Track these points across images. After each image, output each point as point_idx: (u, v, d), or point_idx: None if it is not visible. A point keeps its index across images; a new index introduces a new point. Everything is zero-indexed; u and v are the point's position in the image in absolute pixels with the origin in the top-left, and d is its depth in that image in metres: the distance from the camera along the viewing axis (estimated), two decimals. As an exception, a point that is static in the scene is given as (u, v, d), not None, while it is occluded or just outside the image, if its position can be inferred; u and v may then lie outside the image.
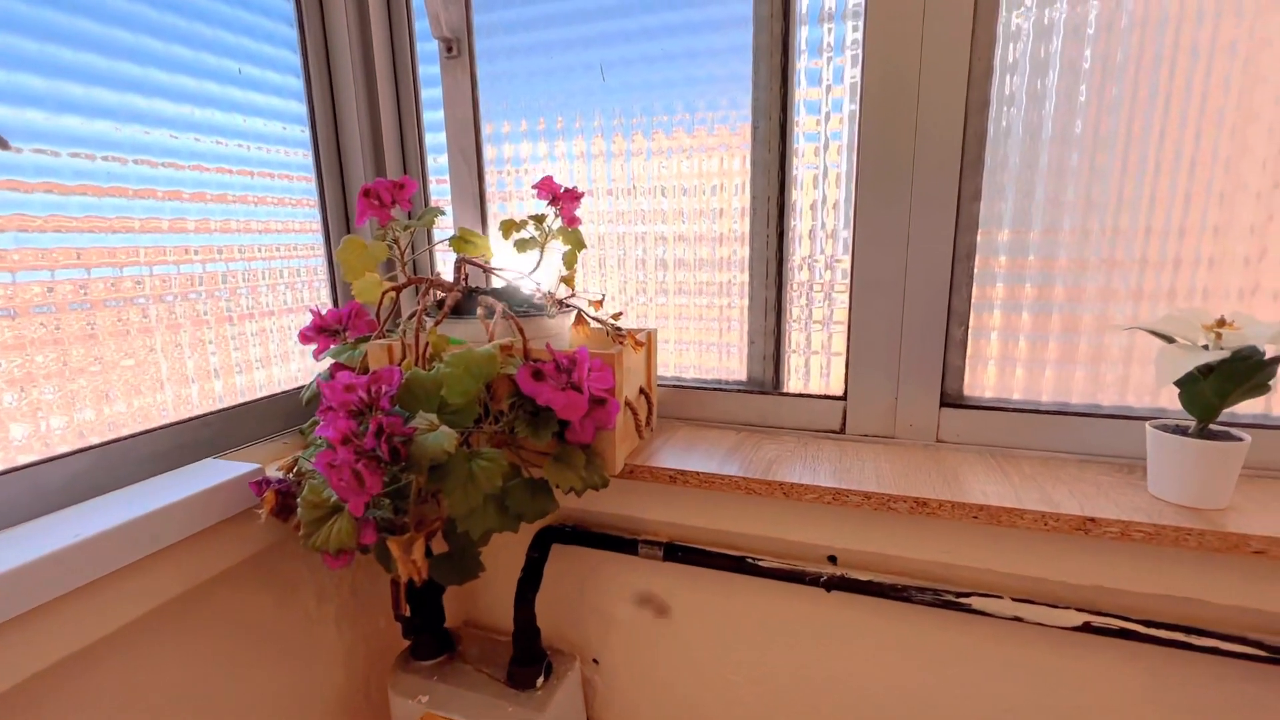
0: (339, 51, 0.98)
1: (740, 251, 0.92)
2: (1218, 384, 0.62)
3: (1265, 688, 0.65)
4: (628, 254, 0.98)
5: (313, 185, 0.98)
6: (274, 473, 0.73)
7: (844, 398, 0.88)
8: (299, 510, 0.62)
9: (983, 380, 0.84)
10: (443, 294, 0.79)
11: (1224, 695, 0.67)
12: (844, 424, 0.88)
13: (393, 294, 0.80)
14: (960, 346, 0.83)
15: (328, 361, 0.81)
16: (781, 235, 0.89)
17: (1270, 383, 0.62)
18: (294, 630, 0.83)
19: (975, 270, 0.81)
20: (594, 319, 0.78)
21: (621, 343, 0.76)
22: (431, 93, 1.04)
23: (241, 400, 0.86)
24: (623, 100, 0.93)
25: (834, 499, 0.71)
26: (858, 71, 0.81)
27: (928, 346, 0.82)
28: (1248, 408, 0.73)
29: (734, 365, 0.96)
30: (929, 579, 0.75)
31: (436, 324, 0.73)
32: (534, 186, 0.83)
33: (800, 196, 0.89)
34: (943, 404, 0.84)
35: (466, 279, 0.83)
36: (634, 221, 0.97)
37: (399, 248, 0.84)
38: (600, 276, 1.01)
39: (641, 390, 0.86)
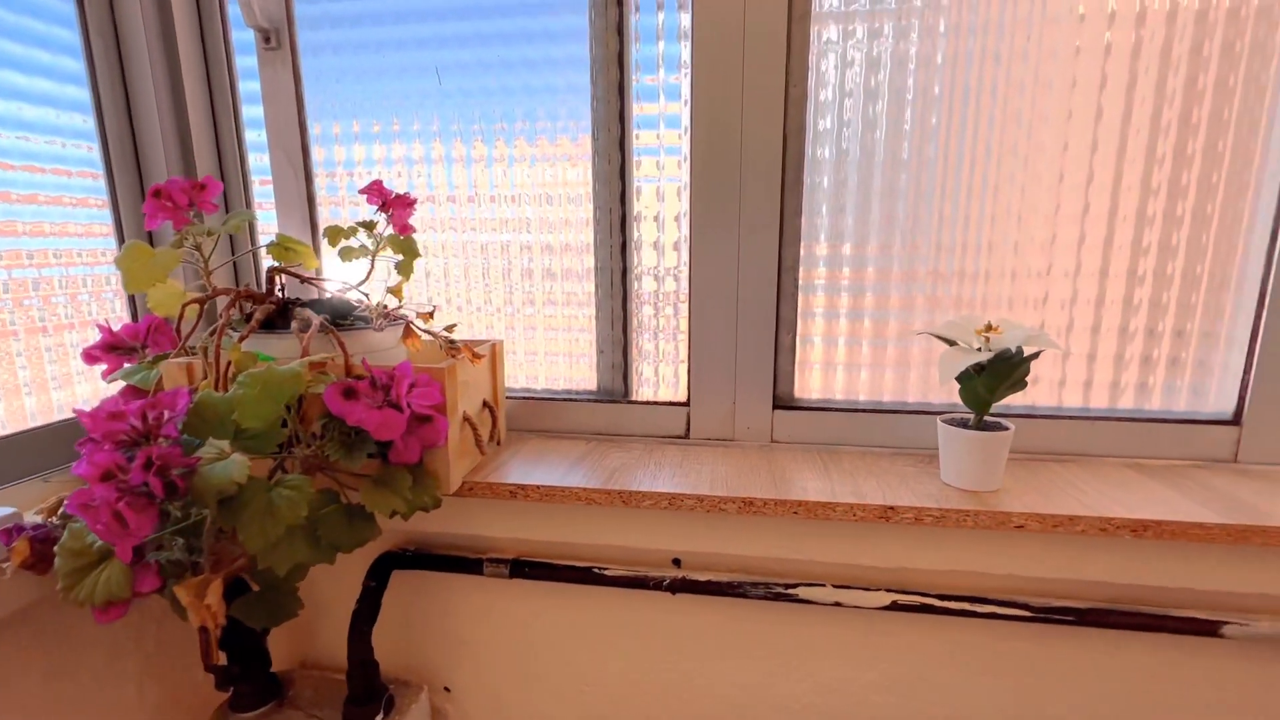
0: (131, 33, 0.87)
1: (587, 261, 0.93)
2: (987, 381, 0.70)
3: (1035, 643, 0.75)
4: (473, 264, 0.95)
5: (100, 183, 0.86)
6: (33, 518, 0.63)
7: (687, 404, 0.91)
8: (56, 560, 0.54)
9: (810, 383, 0.90)
10: (255, 306, 0.72)
11: (1006, 653, 0.76)
12: (688, 429, 0.91)
13: (196, 306, 0.72)
14: (789, 352, 0.89)
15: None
16: (625, 246, 0.91)
17: (1026, 379, 0.71)
18: (78, 697, 0.72)
19: (800, 281, 0.87)
20: (424, 331, 0.75)
21: (455, 356, 0.73)
22: (252, 86, 0.95)
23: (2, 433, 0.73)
24: (461, 105, 0.90)
25: (670, 504, 0.73)
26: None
27: (760, 353, 0.87)
28: (1017, 400, 0.84)
29: (585, 375, 0.96)
30: (763, 573, 0.79)
31: (241, 339, 0.66)
32: (361, 191, 0.79)
33: (642, 208, 0.91)
34: (775, 407, 0.89)
35: (283, 290, 0.76)
36: (480, 230, 0.94)
37: (202, 255, 0.75)
38: (445, 287, 0.97)
39: (485, 404, 0.84)
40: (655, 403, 0.93)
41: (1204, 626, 0.69)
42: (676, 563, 0.82)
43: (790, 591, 0.76)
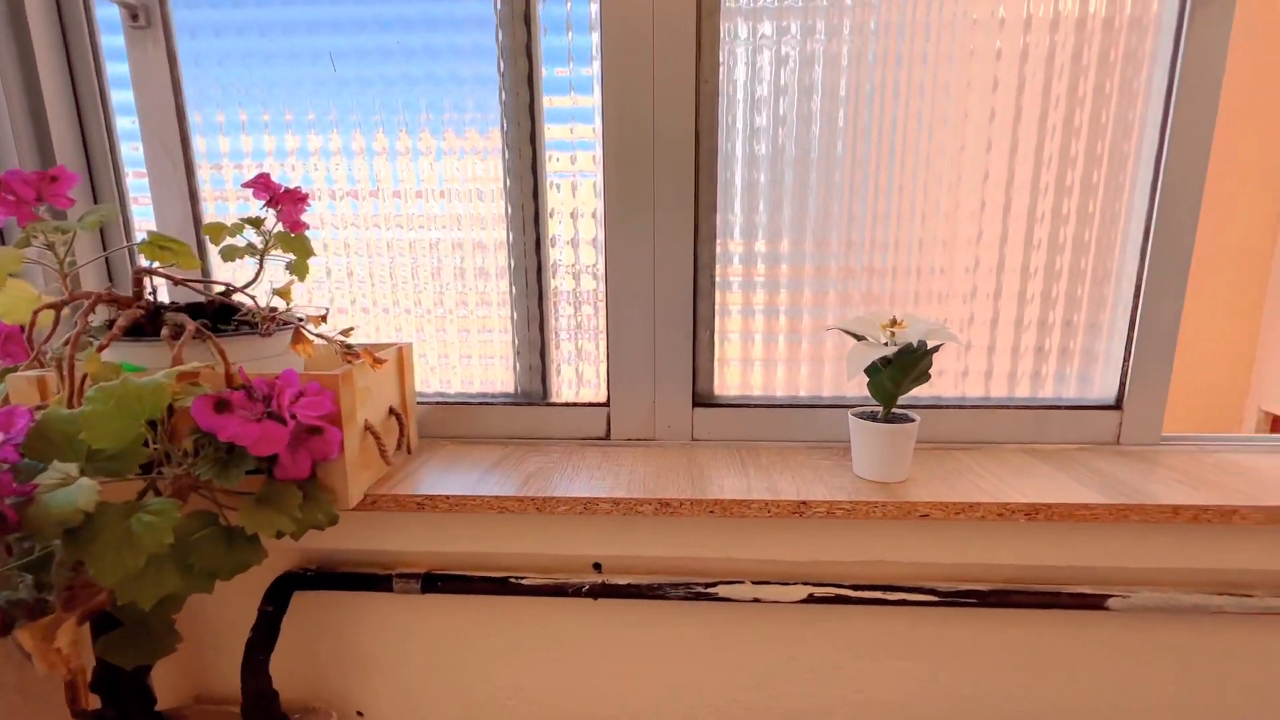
0: (-31, 5, 0.77)
1: (500, 260, 0.89)
2: (893, 375, 0.72)
3: (943, 626, 0.78)
4: (379, 263, 0.90)
5: (-66, 173, 0.76)
6: None
7: (607, 405, 0.89)
8: None
9: (730, 380, 0.90)
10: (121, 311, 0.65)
11: (917, 637, 0.78)
12: (609, 430, 0.90)
13: (51, 313, 0.64)
14: (708, 349, 0.89)
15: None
16: (539, 243, 0.88)
17: (929, 372, 0.74)
18: (-91, 760, 0.63)
19: (716, 278, 0.87)
20: (317, 336, 0.70)
21: (353, 361, 0.69)
22: (122, 69, 0.86)
23: None
24: (360, 95, 0.85)
25: (586, 508, 0.71)
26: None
27: (679, 351, 0.86)
28: (924, 391, 0.87)
29: (503, 377, 0.93)
30: (684, 573, 0.78)
31: (101, 348, 0.60)
32: (246, 185, 0.72)
33: (557, 204, 0.88)
34: (696, 405, 0.89)
35: (154, 292, 0.69)
36: (385, 227, 0.89)
37: (56, 255, 0.67)
38: (350, 288, 0.91)
39: (392, 411, 0.79)
40: (575, 404, 0.91)
41: (1091, 600, 0.73)
42: (597, 567, 0.80)
43: (710, 590, 0.76)
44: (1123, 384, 0.85)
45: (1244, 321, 2.14)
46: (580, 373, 0.93)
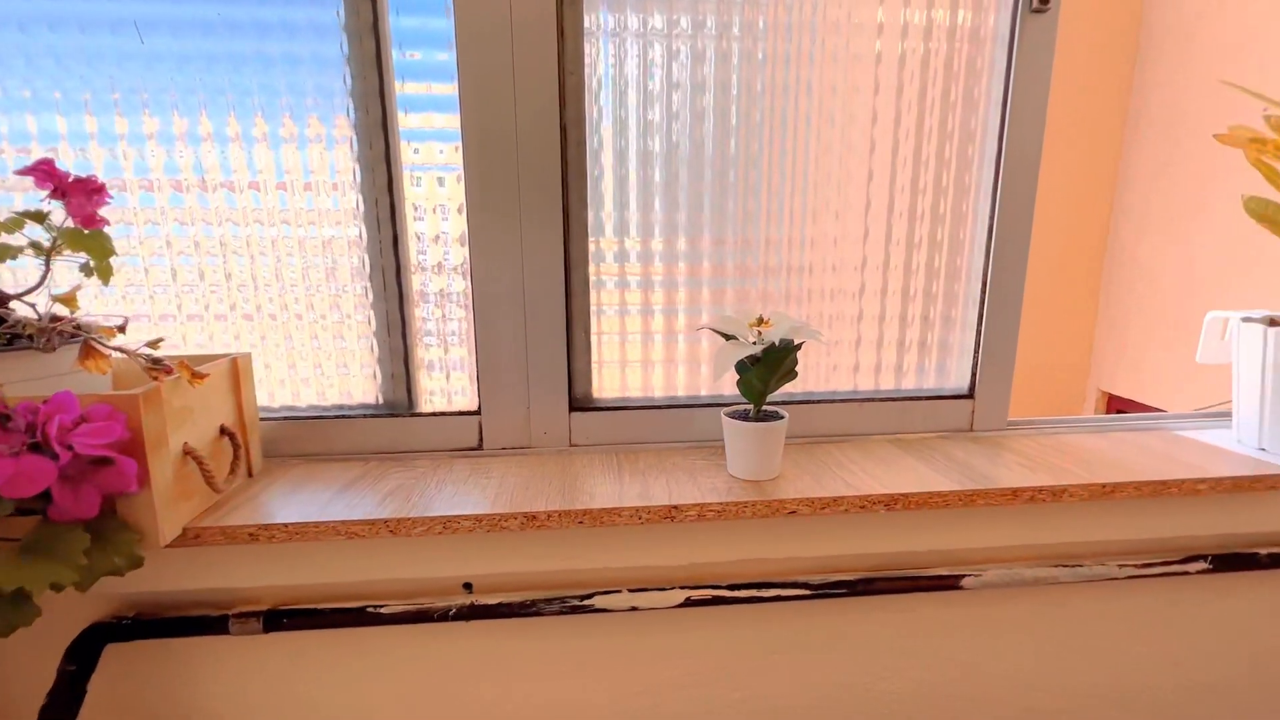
0: None
1: (356, 259, 0.82)
2: (761, 373, 0.72)
3: (816, 618, 0.79)
4: (210, 264, 0.80)
5: None
6: None
7: (478, 413, 0.84)
8: None
9: (608, 382, 0.88)
10: None
11: (792, 631, 0.79)
12: (481, 440, 0.84)
13: None
14: (585, 351, 0.86)
15: None
16: (397, 241, 0.81)
17: (796, 369, 0.74)
18: None
19: (591, 277, 0.84)
20: (115, 349, 0.60)
21: (161, 377, 0.60)
22: None
23: None
24: (178, 73, 0.75)
25: (445, 528, 0.66)
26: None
27: (552, 353, 0.83)
28: (797, 387, 0.89)
29: (364, 388, 0.85)
30: (559, 587, 0.75)
31: None
32: (22, 172, 0.61)
33: (421, 198, 0.82)
34: (572, 409, 0.85)
35: (-108, 302, 0.57)
36: (216, 223, 0.79)
37: None
38: (174, 294, 0.80)
39: (224, 431, 0.70)
40: (444, 414, 0.85)
41: (948, 581, 0.77)
42: (468, 587, 0.75)
43: (586, 603, 0.73)
44: (974, 374, 0.90)
45: (1082, 311, 2.40)
46: (451, 380, 0.88)
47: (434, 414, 0.84)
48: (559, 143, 0.78)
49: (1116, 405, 2.42)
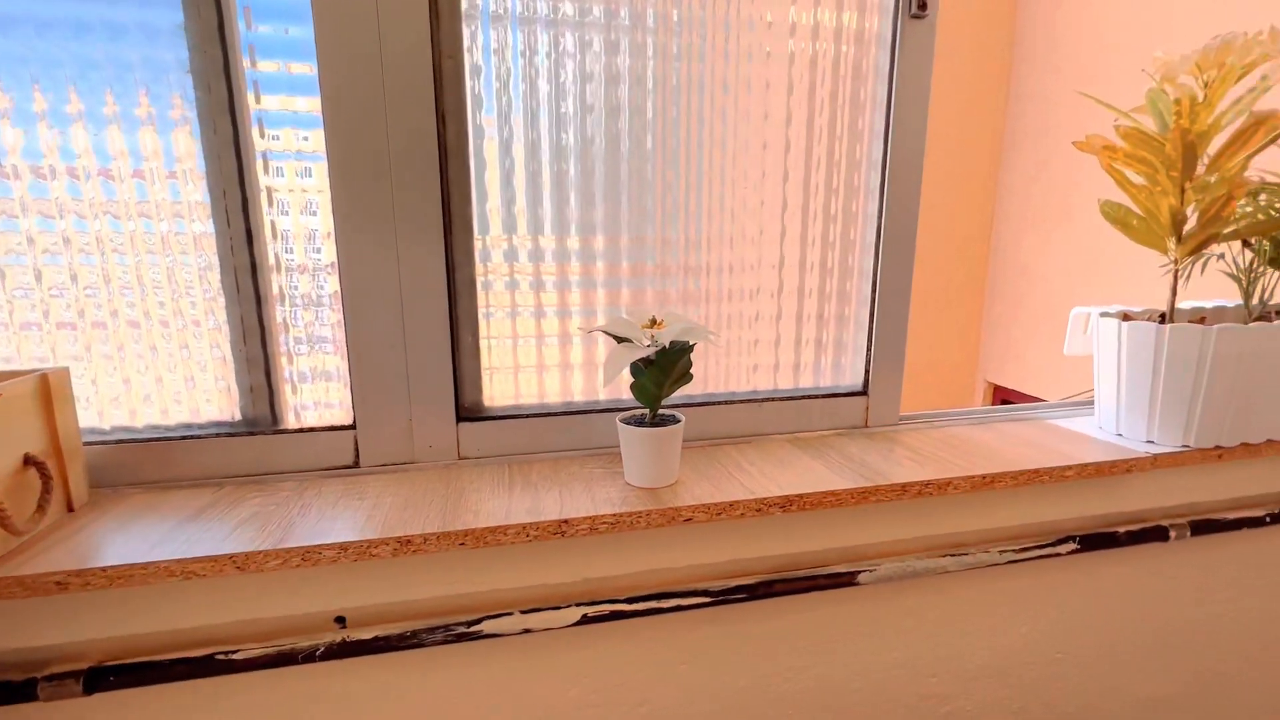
0: None
1: (203, 257, 0.72)
2: (655, 376, 0.69)
3: (718, 625, 0.78)
4: (12, 265, 0.68)
5: None
6: None
7: (353, 427, 0.77)
8: None
9: (501, 389, 0.82)
10: None
11: (694, 639, 0.78)
12: (357, 456, 0.77)
13: None
14: (473, 356, 0.80)
15: None
16: (251, 238, 0.73)
17: (691, 371, 0.72)
18: None
19: (478, 277, 0.79)
20: None
21: (-73, 401, 0.49)
22: None
23: None
24: (-39, 35, 0.63)
25: (304, 559, 0.59)
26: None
27: (435, 359, 0.77)
28: (697, 389, 0.87)
29: (218, 403, 0.76)
30: (445, 614, 0.69)
31: None
32: None
33: (283, 191, 0.74)
34: (461, 419, 0.79)
35: None
36: (25, 215, 0.67)
37: None
38: (-30, 295, 0.68)
39: (30, 460, 0.60)
40: (313, 429, 0.77)
41: (845, 578, 0.78)
42: (340, 622, 0.68)
43: (474, 629, 0.68)
44: (867, 371, 0.92)
45: (970, 308, 2.58)
46: (327, 391, 0.79)
47: (301, 430, 0.76)
48: (435, 132, 0.72)
49: (1002, 395, 2.62)
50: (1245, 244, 0.93)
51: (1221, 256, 0.93)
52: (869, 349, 0.91)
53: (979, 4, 2.39)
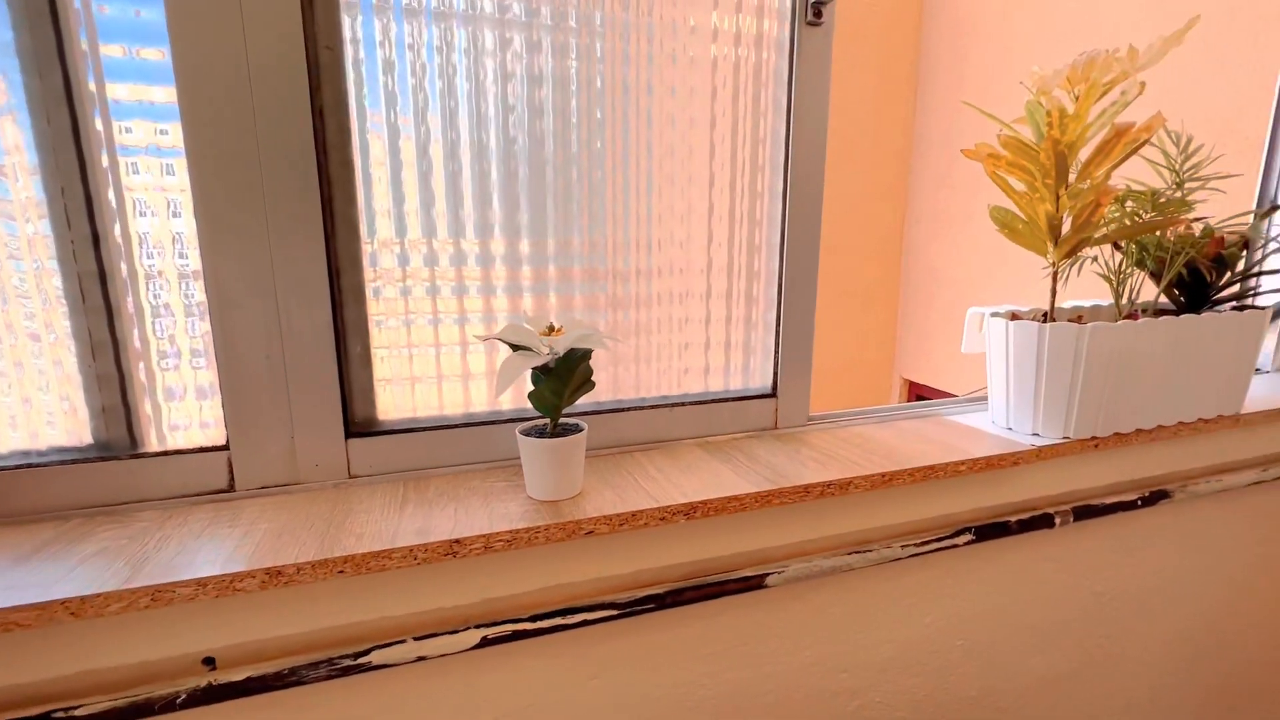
0: None
1: (36, 263, 0.64)
2: (553, 385, 0.67)
3: (625, 637, 0.76)
4: None
5: None
6: None
7: (226, 447, 0.70)
8: None
9: (396, 401, 0.78)
10: None
11: (604, 654, 0.75)
12: (232, 480, 0.71)
13: None
14: (364, 367, 0.75)
15: None
16: (98, 241, 0.65)
17: (592, 378, 0.70)
18: None
19: (368, 283, 0.74)
20: None
21: None
22: None
23: None
24: None
25: (153, 599, 0.53)
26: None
27: (320, 372, 0.71)
28: (605, 395, 0.85)
29: (66, 426, 0.67)
30: (328, 646, 0.64)
31: None
32: None
33: (140, 190, 0.66)
34: (351, 434, 0.74)
35: None
36: None
37: None
38: None
39: None
40: (179, 451, 0.70)
41: (754, 581, 0.78)
42: (209, 663, 0.62)
43: (362, 661, 0.63)
44: (776, 373, 0.93)
45: (886, 307, 2.70)
46: (200, 409, 0.72)
47: (164, 453, 0.69)
48: (313, 128, 0.67)
49: (916, 391, 2.75)
50: (1115, 247, 1.01)
51: (1095, 259, 0.99)
52: (776, 351, 0.92)
53: (886, 14, 2.50)
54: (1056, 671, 1.07)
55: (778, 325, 0.92)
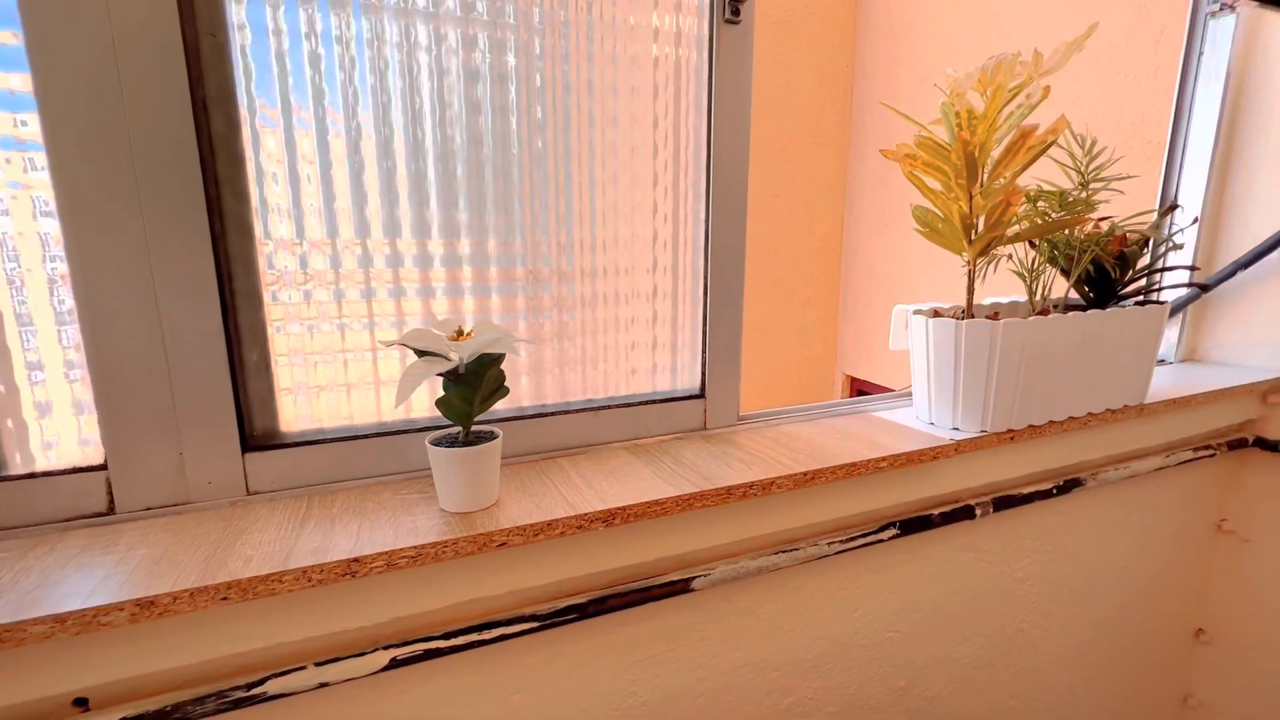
0: None
1: None
2: (462, 391, 0.64)
3: (549, 648, 0.74)
4: None
5: None
6: None
7: (105, 466, 0.65)
8: None
9: (300, 412, 0.73)
10: None
11: (525, 666, 0.73)
12: (111, 501, 0.65)
13: None
14: (263, 376, 0.71)
15: None
16: (-55, 244, 0.59)
17: (505, 383, 0.68)
18: None
19: (265, 287, 0.69)
20: None
21: None
22: None
23: None
24: None
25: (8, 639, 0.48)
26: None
27: (210, 383, 0.66)
28: (528, 400, 0.83)
29: (-87, 447, 0.61)
30: (219, 679, 0.59)
31: None
32: None
33: (-7, 187, 0.60)
34: (250, 448, 0.70)
35: None
36: None
37: None
38: None
39: None
40: (50, 473, 0.64)
41: (680, 586, 0.77)
42: (81, 704, 0.56)
43: (256, 691, 0.59)
44: (703, 374, 0.92)
45: (829, 304, 2.76)
46: (79, 426, 0.66)
47: (31, 475, 0.63)
48: (193, 121, 0.62)
49: (858, 387, 2.82)
50: (1031, 244, 1.04)
51: (1011, 256, 1.03)
52: (704, 352, 0.92)
53: (824, 14, 2.55)
54: (983, 657, 1.11)
55: (704, 326, 0.91)
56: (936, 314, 0.99)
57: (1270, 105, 1.22)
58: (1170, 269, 1.07)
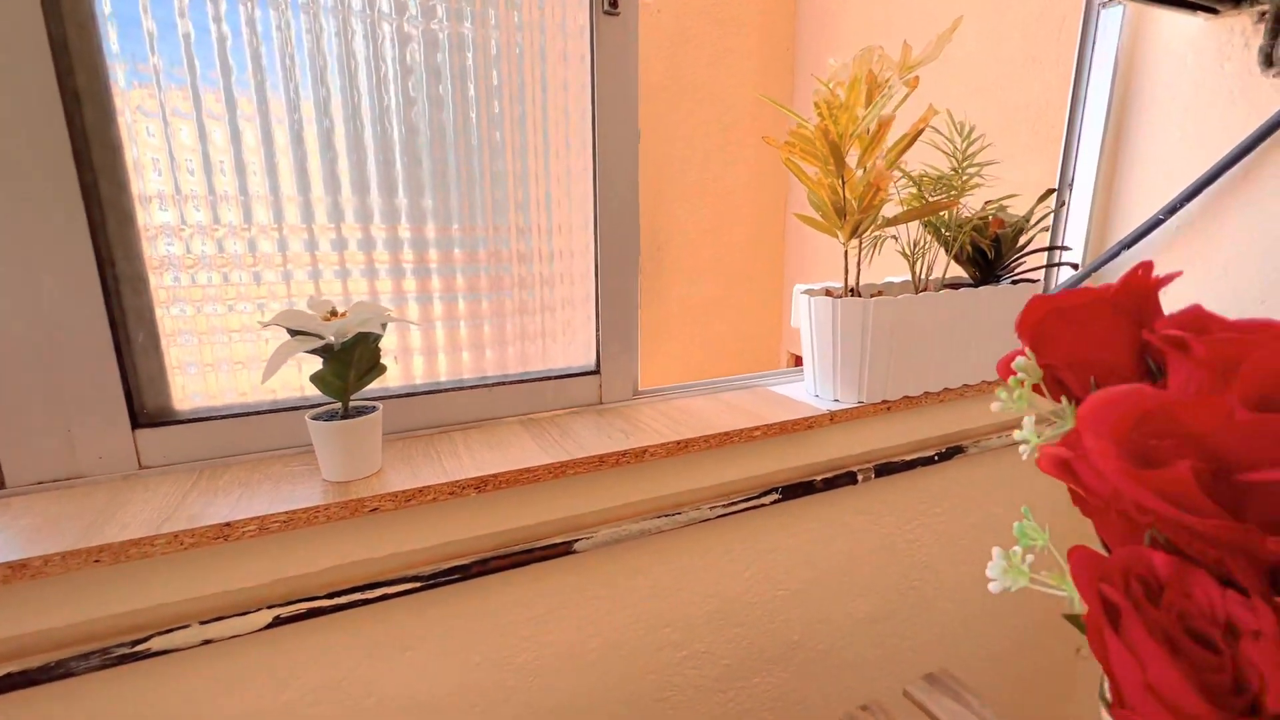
0: None
1: None
2: (334, 368, 0.68)
3: (434, 607, 0.79)
4: None
5: None
6: None
7: (-10, 444, 0.68)
8: None
9: (192, 389, 0.77)
10: None
11: (414, 625, 0.78)
12: (1, 476, 0.68)
13: None
14: (152, 356, 0.74)
15: None
16: None
17: (381, 362, 0.72)
18: None
19: (149, 268, 0.72)
20: None
21: None
22: None
23: None
24: None
25: (-128, 602, 0.51)
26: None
27: (95, 363, 0.69)
28: (423, 377, 0.87)
29: None
30: (101, 637, 0.64)
31: None
32: None
33: None
34: (139, 425, 0.73)
35: None
36: None
37: None
38: None
39: None
40: (-65, 450, 0.67)
41: (562, 548, 0.83)
42: (-33, 664, 0.60)
43: (140, 649, 0.63)
44: (598, 351, 0.97)
45: (771, 283, 2.83)
46: (-30, 404, 0.69)
47: (-83, 453, 0.66)
48: (65, 112, 0.64)
49: (798, 363, 2.91)
50: (925, 226, 1.10)
51: (896, 238, 1.09)
52: (599, 330, 0.97)
53: (765, 1, 2.58)
54: (877, 612, 1.19)
55: (597, 307, 0.96)
56: (829, 293, 1.05)
57: (1152, 94, 1.30)
58: (1040, 250, 1.14)
